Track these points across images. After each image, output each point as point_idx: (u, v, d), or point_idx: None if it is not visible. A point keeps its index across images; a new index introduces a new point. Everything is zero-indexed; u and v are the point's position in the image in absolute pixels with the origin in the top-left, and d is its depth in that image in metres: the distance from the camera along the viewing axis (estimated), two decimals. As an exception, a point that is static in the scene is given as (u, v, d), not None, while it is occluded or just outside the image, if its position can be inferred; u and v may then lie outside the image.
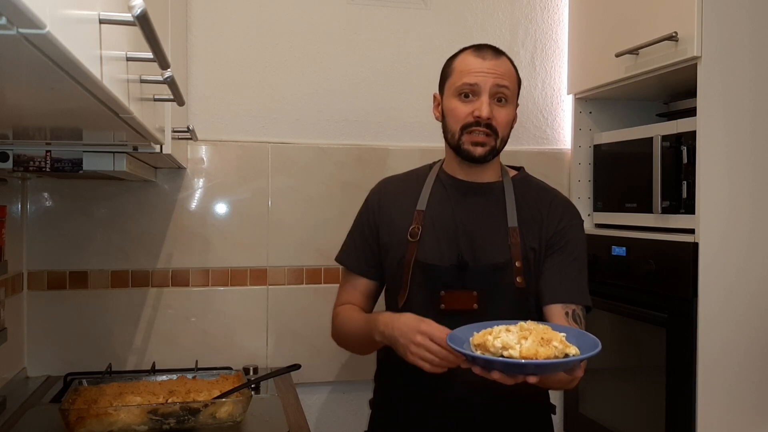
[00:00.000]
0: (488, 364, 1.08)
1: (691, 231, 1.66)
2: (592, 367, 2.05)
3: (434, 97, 1.50)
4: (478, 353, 1.10)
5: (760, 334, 1.67)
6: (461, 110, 1.39)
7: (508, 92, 1.39)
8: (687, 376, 1.65)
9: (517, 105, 1.46)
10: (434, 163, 1.55)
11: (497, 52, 1.43)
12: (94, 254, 1.92)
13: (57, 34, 0.46)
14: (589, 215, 2.20)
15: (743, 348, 1.66)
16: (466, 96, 1.39)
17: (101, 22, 0.61)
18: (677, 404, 1.68)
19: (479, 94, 1.38)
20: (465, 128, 1.39)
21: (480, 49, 1.42)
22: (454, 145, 1.42)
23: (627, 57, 1.86)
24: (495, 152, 1.42)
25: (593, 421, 2.03)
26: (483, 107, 1.36)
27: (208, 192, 2.00)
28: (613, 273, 1.93)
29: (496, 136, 1.39)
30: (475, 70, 1.39)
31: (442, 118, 1.46)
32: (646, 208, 1.85)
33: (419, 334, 1.22)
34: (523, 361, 1.05)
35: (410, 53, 2.14)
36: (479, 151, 1.39)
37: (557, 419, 2.21)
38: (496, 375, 1.09)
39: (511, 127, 1.45)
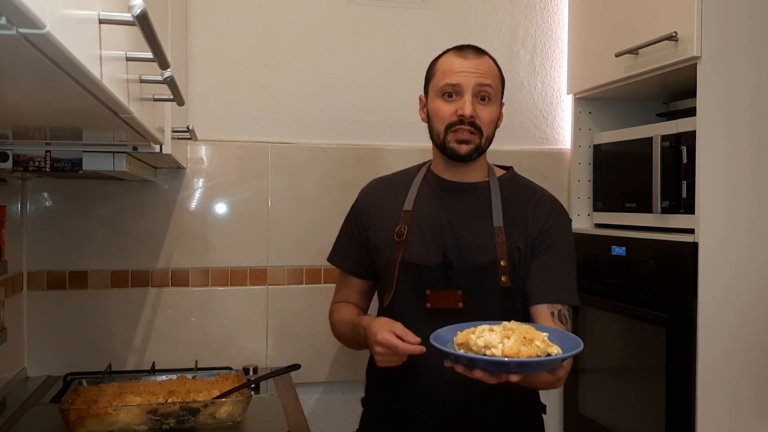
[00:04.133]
0: (471, 363, 1.09)
1: (691, 231, 1.66)
2: (592, 367, 2.05)
3: (420, 99, 1.52)
4: (461, 352, 1.11)
5: (760, 334, 1.67)
6: (445, 110, 1.40)
7: (491, 90, 1.41)
8: (687, 376, 1.65)
9: (502, 104, 1.47)
10: (423, 163, 1.57)
11: (479, 51, 1.44)
12: (94, 254, 1.92)
13: (57, 34, 0.46)
14: (588, 215, 2.20)
15: (743, 348, 1.66)
16: (450, 96, 1.41)
17: (101, 22, 0.61)
18: (677, 404, 1.68)
19: (462, 94, 1.39)
20: (449, 127, 1.40)
21: (462, 49, 1.44)
22: (439, 145, 1.44)
23: (627, 57, 1.86)
24: (480, 150, 1.43)
25: (593, 421, 2.03)
26: (466, 106, 1.38)
27: (208, 192, 2.00)
28: (613, 273, 1.93)
29: (480, 134, 1.40)
30: (457, 69, 1.40)
31: (428, 119, 1.47)
32: (646, 208, 1.85)
33: (377, 344, 1.28)
34: (505, 359, 1.06)
35: (410, 53, 2.14)
36: (464, 149, 1.40)
37: (555, 419, 2.21)
38: (478, 374, 1.10)
39: (497, 126, 1.46)
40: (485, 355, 1.08)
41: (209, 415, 1.38)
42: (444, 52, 1.47)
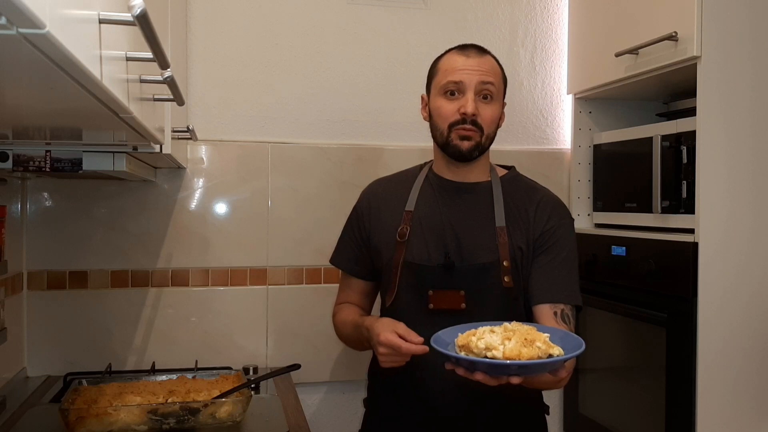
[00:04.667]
0: (472, 365, 1.09)
1: (691, 231, 1.66)
2: (592, 367, 2.05)
3: (422, 98, 1.52)
4: (462, 354, 1.11)
5: (760, 334, 1.67)
6: (447, 108, 1.40)
7: (493, 89, 1.40)
8: (687, 376, 1.65)
9: (504, 104, 1.47)
10: (425, 163, 1.56)
11: (481, 50, 1.44)
12: (94, 254, 1.92)
13: (57, 34, 0.46)
14: (589, 215, 2.20)
15: (743, 348, 1.66)
16: (452, 94, 1.40)
17: (101, 21, 0.61)
18: (677, 404, 1.68)
19: (464, 92, 1.39)
20: (452, 126, 1.40)
21: (464, 48, 1.44)
22: (442, 143, 1.43)
23: (627, 57, 1.86)
24: (481, 148, 1.42)
25: (593, 421, 2.03)
26: (468, 104, 1.37)
27: (208, 192, 2.00)
28: (613, 273, 1.93)
29: (482, 132, 1.40)
30: (460, 68, 1.40)
31: (430, 118, 1.47)
32: (646, 207, 1.85)
33: (380, 345, 1.27)
34: (507, 361, 1.05)
35: (410, 53, 2.13)
36: (466, 145, 1.39)
37: (555, 419, 2.21)
38: (479, 376, 1.09)
39: (498, 126, 1.46)
40: (486, 357, 1.08)
41: (209, 415, 1.38)
42: (446, 51, 1.47)
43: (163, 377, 1.59)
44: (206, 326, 1.99)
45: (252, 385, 1.58)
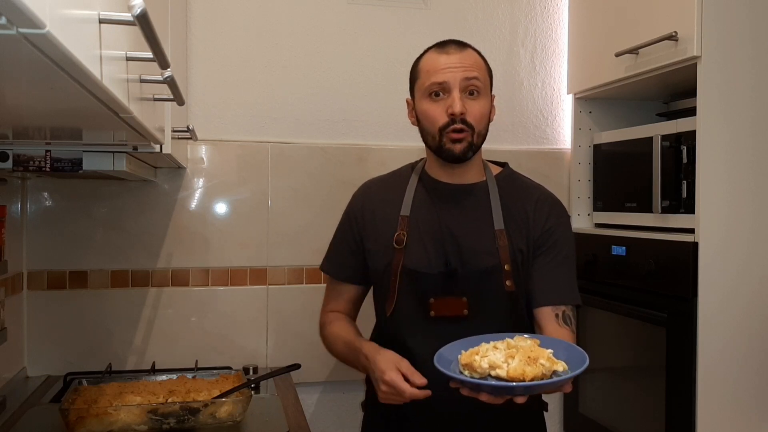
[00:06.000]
0: (476, 387, 1.09)
1: (691, 231, 1.66)
2: (592, 367, 2.05)
3: (407, 102, 1.47)
4: (466, 374, 1.11)
5: (760, 334, 1.67)
6: (434, 111, 1.35)
7: (479, 83, 1.35)
8: (687, 376, 1.65)
9: (492, 96, 1.42)
10: (415, 163, 1.52)
11: (461, 45, 1.39)
12: (94, 254, 1.92)
13: (57, 33, 0.46)
14: (589, 215, 2.20)
15: (743, 348, 1.66)
16: (437, 95, 1.35)
17: (101, 21, 0.61)
18: (677, 404, 1.68)
19: (449, 91, 1.34)
20: (443, 129, 1.35)
21: (443, 45, 1.40)
22: (435, 148, 1.39)
23: (627, 57, 1.86)
24: (474, 148, 1.37)
25: (593, 421, 2.03)
26: (455, 103, 1.32)
27: (208, 192, 2.00)
28: (613, 273, 1.93)
29: (472, 131, 1.35)
30: (441, 67, 1.35)
31: (418, 122, 1.42)
32: (646, 207, 1.85)
33: (383, 383, 1.24)
34: (512, 384, 1.05)
35: (410, 53, 2.10)
36: (458, 147, 1.35)
37: (555, 419, 2.21)
38: (484, 397, 1.09)
39: (489, 120, 1.40)
40: (490, 375, 1.08)
41: (209, 414, 1.38)
42: (425, 51, 1.42)
43: (163, 377, 1.59)
44: (206, 326, 1.99)
45: (252, 385, 1.59)
